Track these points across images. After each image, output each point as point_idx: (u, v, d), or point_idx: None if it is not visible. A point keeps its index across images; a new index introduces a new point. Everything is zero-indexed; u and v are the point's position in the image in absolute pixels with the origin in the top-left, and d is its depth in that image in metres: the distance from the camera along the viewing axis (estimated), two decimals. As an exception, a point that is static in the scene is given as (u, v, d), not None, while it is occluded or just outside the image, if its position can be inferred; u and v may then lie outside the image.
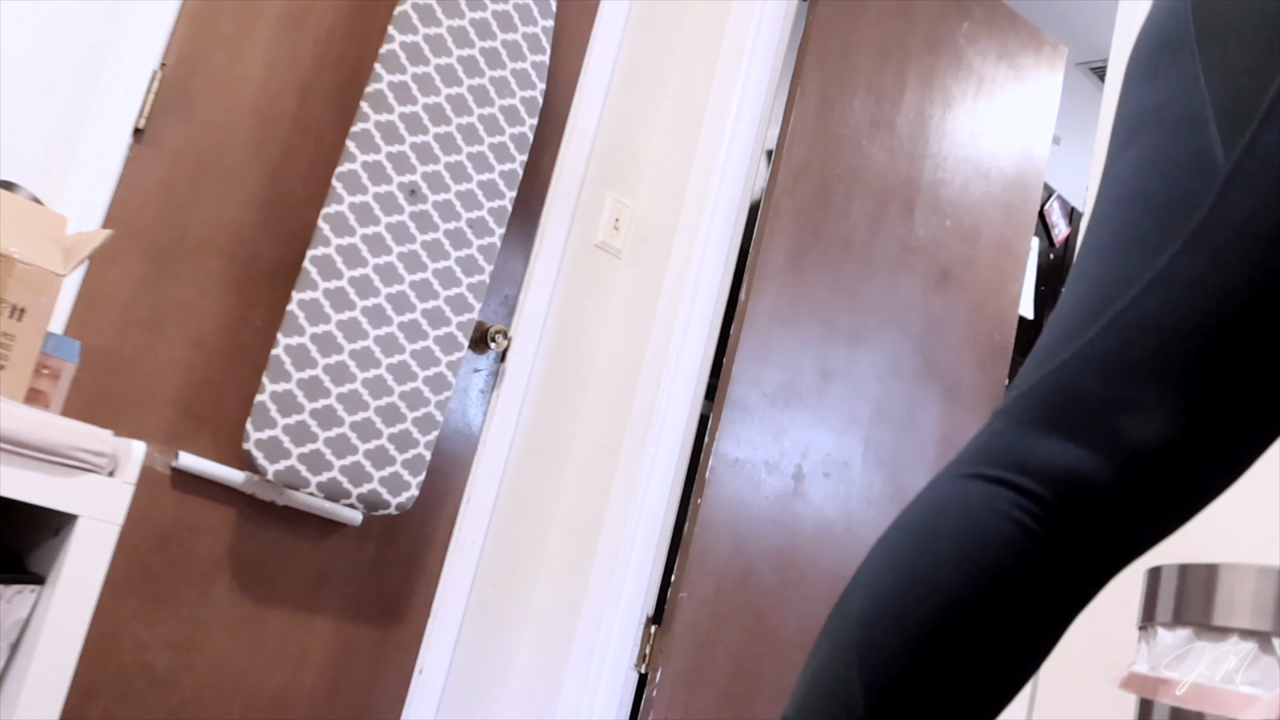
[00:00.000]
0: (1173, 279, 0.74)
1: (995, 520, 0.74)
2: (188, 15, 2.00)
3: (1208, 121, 0.76)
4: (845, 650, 0.76)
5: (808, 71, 2.63)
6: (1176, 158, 0.76)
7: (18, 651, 1.33)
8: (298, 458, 1.96)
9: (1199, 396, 0.72)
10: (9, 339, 1.36)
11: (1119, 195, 0.79)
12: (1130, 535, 0.74)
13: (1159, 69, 0.81)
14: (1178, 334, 0.73)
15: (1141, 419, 0.72)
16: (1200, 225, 0.74)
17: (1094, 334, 0.75)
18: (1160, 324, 0.73)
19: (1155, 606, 1.21)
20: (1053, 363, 0.76)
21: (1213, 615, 1.08)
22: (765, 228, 2.54)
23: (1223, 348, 0.72)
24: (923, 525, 0.77)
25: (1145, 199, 0.77)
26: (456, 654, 2.33)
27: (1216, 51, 0.77)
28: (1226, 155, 0.74)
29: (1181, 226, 0.74)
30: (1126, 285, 0.75)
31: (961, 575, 0.74)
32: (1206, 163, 0.75)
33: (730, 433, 2.47)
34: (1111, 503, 0.73)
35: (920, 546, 0.76)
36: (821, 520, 2.61)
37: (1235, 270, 0.72)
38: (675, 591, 2.37)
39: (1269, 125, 0.74)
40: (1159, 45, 0.81)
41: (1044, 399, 0.76)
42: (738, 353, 2.49)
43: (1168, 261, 0.74)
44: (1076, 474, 0.73)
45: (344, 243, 2.03)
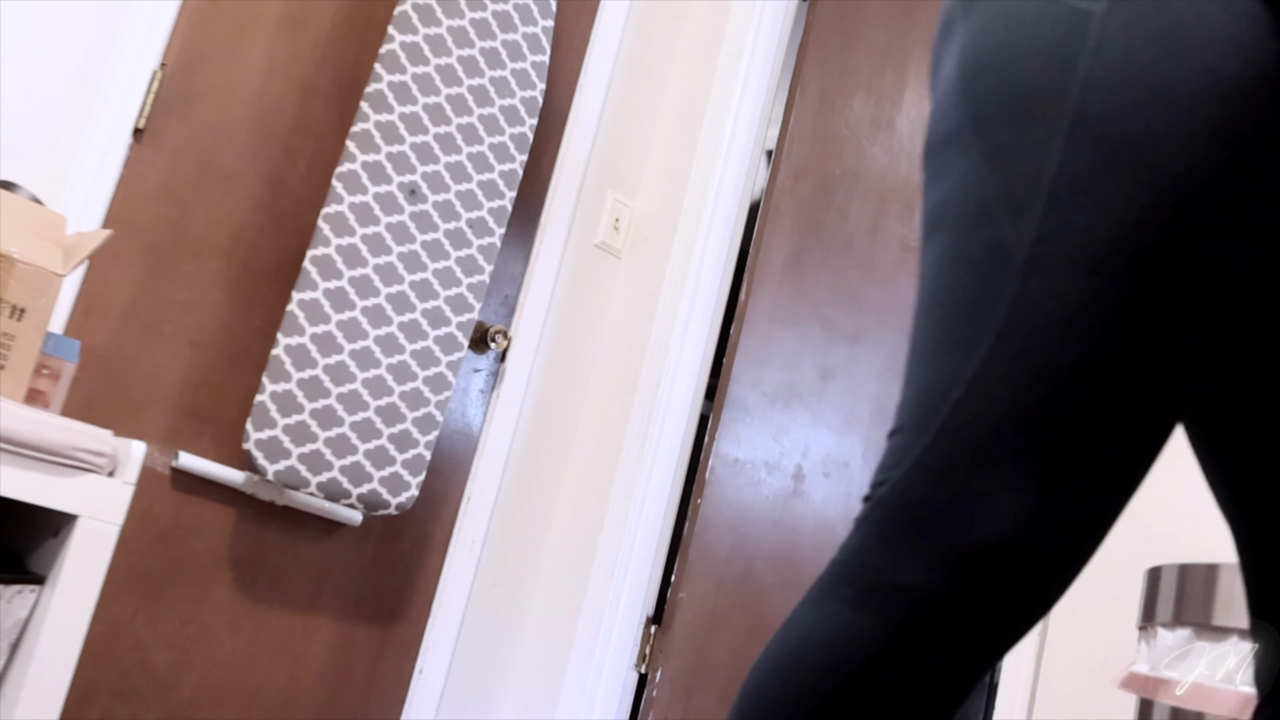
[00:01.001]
0: (987, 376, 0.74)
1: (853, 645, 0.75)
2: (188, 15, 2.00)
3: (995, 211, 0.76)
4: None
5: (808, 71, 2.63)
6: (972, 252, 0.76)
7: (18, 651, 1.33)
8: (298, 458, 1.96)
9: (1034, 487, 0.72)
10: (9, 339, 1.36)
11: (928, 294, 0.79)
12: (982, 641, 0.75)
13: (944, 164, 0.80)
14: (999, 433, 0.73)
15: (983, 521, 0.73)
16: (1005, 319, 0.74)
17: (927, 442, 0.75)
18: (981, 425, 0.73)
19: (1155, 606, 1.21)
20: (894, 475, 0.77)
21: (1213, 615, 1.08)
22: (765, 228, 2.54)
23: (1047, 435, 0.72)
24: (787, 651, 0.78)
25: (951, 296, 0.77)
26: (456, 654, 2.33)
27: (991, 139, 0.77)
28: (1018, 245, 0.74)
29: (987, 322, 0.74)
30: (947, 389, 0.75)
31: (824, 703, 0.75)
32: (1001, 254, 0.75)
33: (730, 433, 2.47)
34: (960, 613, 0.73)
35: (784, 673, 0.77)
36: (821, 520, 2.61)
37: (1046, 358, 0.72)
38: (675, 591, 2.37)
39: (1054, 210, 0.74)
40: (942, 141, 0.81)
41: (889, 514, 0.76)
42: (738, 353, 2.49)
43: (980, 360, 0.74)
44: (923, 589, 0.73)
45: (344, 243, 2.03)
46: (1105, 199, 0.73)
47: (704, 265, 2.53)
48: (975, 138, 0.78)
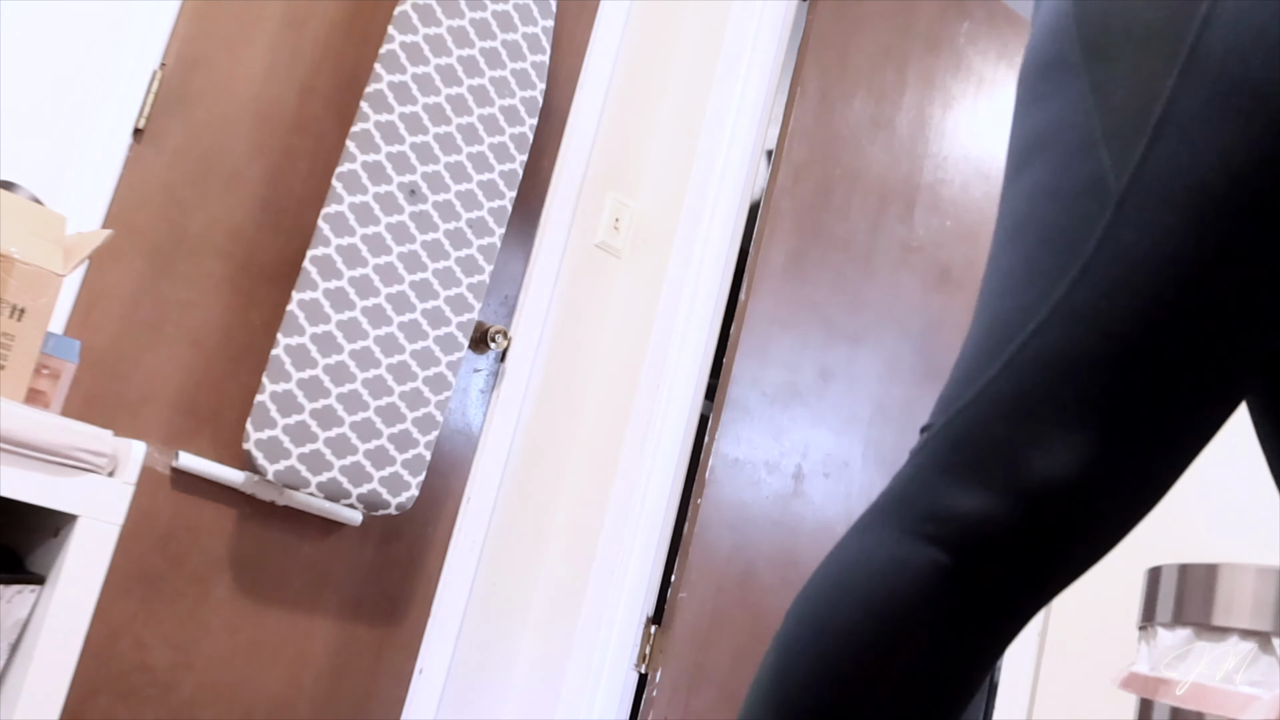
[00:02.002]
0: (1069, 310, 0.72)
1: (905, 573, 0.74)
2: (188, 15, 2.00)
3: (1097, 144, 0.74)
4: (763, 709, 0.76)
5: (808, 71, 2.63)
6: (1068, 183, 0.74)
7: (18, 651, 1.33)
8: (298, 458, 1.96)
9: (1102, 429, 0.71)
10: (9, 339, 1.36)
11: (1014, 224, 0.77)
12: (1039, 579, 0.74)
13: (1047, 91, 0.78)
14: (1077, 367, 0.71)
15: (1046, 457, 0.71)
16: (1094, 252, 0.72)
17: (995, 372, 0.74)
18: (1059, 358, 0.72)
19: (1155, 606, 1.21)
20: (959, 403, 0.75)
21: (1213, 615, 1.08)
22: (765, 228, 2.54)
23: (1123, 378, 0.71)
24: (837, 578, 0.76)
25: (1039, 228, 0.75)
26: (456, 654, 2.33)
27: (1103, 69, 0.75)
28: (1117, 178, 0.72)
29: (1076, 255, 0.73)
30: (1024, 319, 0.74)
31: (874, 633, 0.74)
32: (1098, 187, 0.73)
33: (730, 433, 2.47)
34: (1019, 547, 0.72)
35: (833, 599, 0.76)
36: (821, 520, 2.61)
37: (1132, 298, 0.71)
38: (675, 591, 2.37)
39: (1158, 144, 0.72)
40: (1045, 66, 0.79)
41: (950, 443, 0.75)
42: (737, 353, 2.49)
43: (1063, 292, 0.72)
44: (984, 520, 0.72)
45: (344, 243, 2.03)
46: (1212, 139, 0.71)
47: (704, 265, 2.53)
48: (1084, 66, 0.76)
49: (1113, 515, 0.73)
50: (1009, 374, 0.73)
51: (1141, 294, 0.71)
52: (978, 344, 0.76)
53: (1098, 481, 0.71)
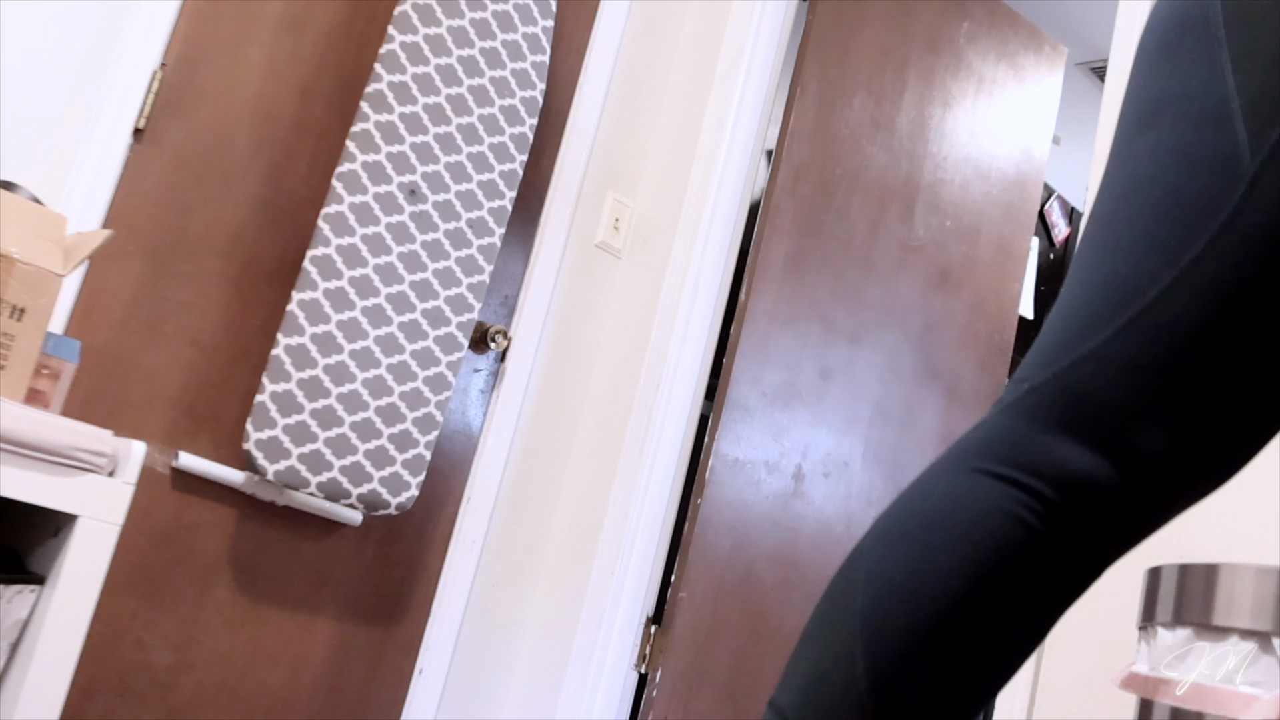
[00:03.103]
0: (1193, 284, 0.71)
1: (1001, 519, 0.73)
2: (188, 15, 2.00)
3: (1233, 116, 0.72)
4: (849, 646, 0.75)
5: (808, 71, 2.63)
6: (1199, 152, 0.72)
7: (18, 651, 1.33)
8: (298, 458, 1.96)
9: (1215, 407, 0.71)
10: (9, 339, 1.36)
11: (1134, 184, 0.75)
12: (1129, 535, 0.74)
13: (1181, 51, 0.76)
14: (1197, 342, 0.70)
15: (1156, 427, 0.71)
16: (1223, 228, 0.70)
17: (1110, 334, 0.73)
18: (1180, 331, 0.71)
19: (1155, 606, 1.21)
20: (1066, 359, 0.74)
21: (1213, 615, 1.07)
22: (765, 228, 2.54)
23: (1243, 358, 0.70)
24: (928, 519, 0.75)
25: (1165, 192, 0.73)
26: (456, 654, 2.33)
27: (1246, 39, 0.72)
28: (1253, 155, 0.70)
29: (1204, 228, 0.71)
30: (1146, 285, 0.72)
31: (967, 575, 0.73)
32: (1232, 161, 0.71)
33: (730, 433, 2.47)
34: (1117, 507, 0.73)
35: (926, 541, 0.75)
36: (821, 520, 2.61)
37: (1259, 278, 0.70)
38: (675, 591, 2.37)
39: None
40: (1182, 24, 0.77)
41: (1057, 398, 0.74)
42: (738, 353, 2.49)
43: (1189, 264, 0.71)
44: (1088, 479, 0.72)
45: (344, 243, 2.03)
46: None
47: (704, 265, 2.53)
48: (1227, 32, 0.73)
49: (1207, 481, 0.73)
50: (1125, 338, 0.72)
51: (1267, 275, 0.69)
52: (1091, 300, 0.74)
53: (1203, 454, 0.71)
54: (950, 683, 0.73)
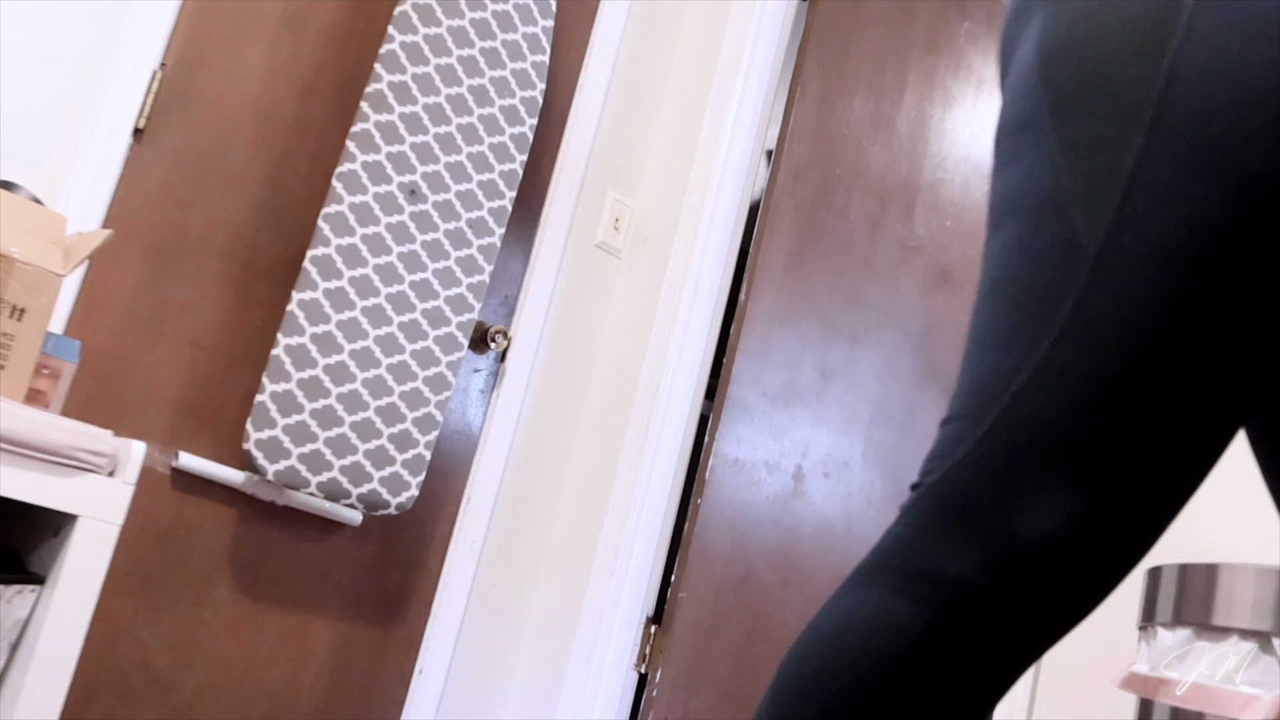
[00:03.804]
0: (1050, 371, 0.72)
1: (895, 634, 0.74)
2: (188, 15, 2.00)
3: (1069, 204, 0.74)
4: None
5: (808, 71, 2.63)
6: (1042, 243, 0.74)
7: (18, 651, 1.33)
8: (298, 458, 1.96)
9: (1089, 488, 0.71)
10: (9, 339, 1.36)
11: (991, 283, 0.78)
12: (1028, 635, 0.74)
13: (1018, 152, 0.79)
14: (1061, 428, 0.72)
15: (1033, 518, 0.72)
16: (1072, 313, 0.72)
17: (980, 434, 0.74)
18: (1042, 419, 0.72)
19: (1155, 606, 1.21)
20: (946, 463, 0.76)
21: (1213, 615, 1.08)
22: (765, 228, 2.54)
23: (1107, 436, 0.71)
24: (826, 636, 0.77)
25: (1016, 288, 0.75)
26: (456, 654, 2.33)
27: (1071, 128, 0.75)
28: (1092, 238, 0.73)
29: (1054, 316, 0.73)
30: (1007, 380, 0.74)
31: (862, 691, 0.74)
32: (1072, 247, 0.73)
33: (730, 433, 2.47)
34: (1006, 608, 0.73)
35: (822, 658, 0.76)
36: (821, 520, 2.61)
37: (1111, 357, 0.71)
38: (675, 591, 2.37)
39: (1129, 204, 0.72)
40: (1017, 128, 0.79)
41: (938, 503, 0.75)
42: (738, 353, 2.49)
43: (1044, 354, 0.73)
44: (970, 582, 0.73)
45: (344, 243, 2.03)
46: (1184, 196, 0.70)
47: (704, 265, 2.53)
48: (1052, 126, 0.76)
49: (1102, 570, 0.73)
50: (995, 436, 0.74)
51: (1121, 353, 0.71)
52: (963, 403, 0.77)
53: (1087, 539, 0.72)
54: None
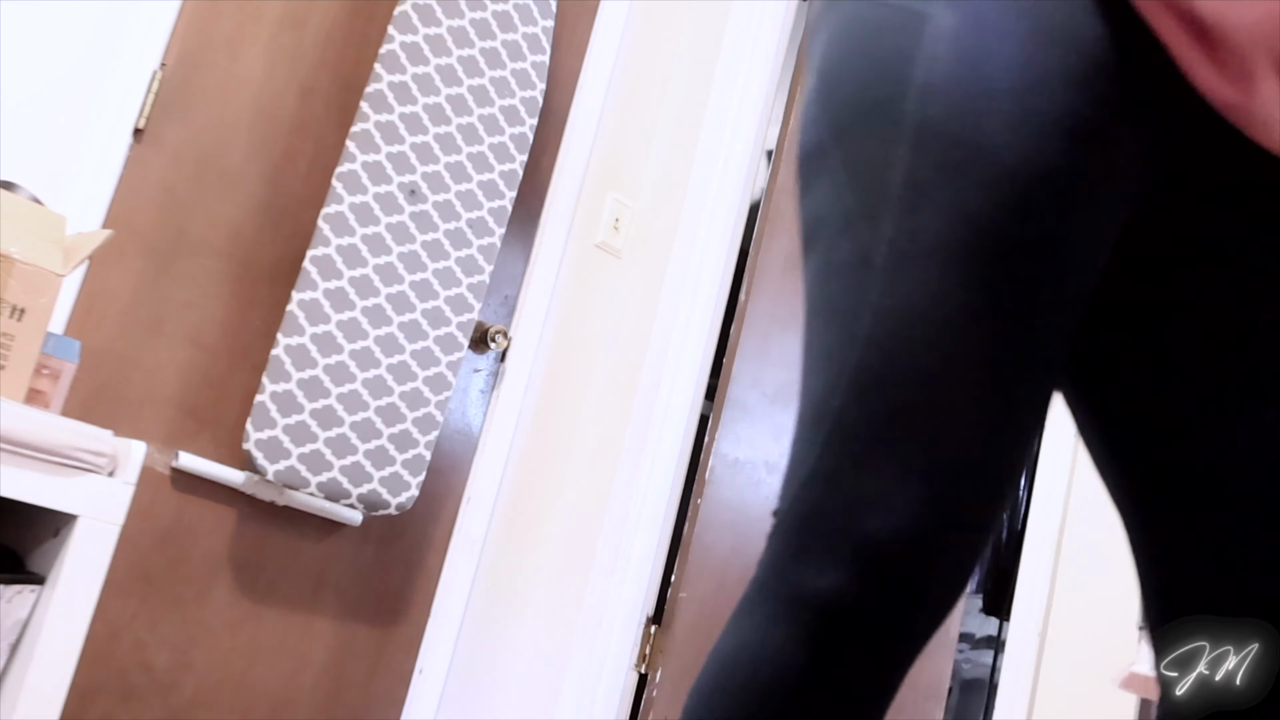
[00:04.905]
0: (860, 380, 0.75)
1: (776, 657, 0.76)
2: (188, 15, 2.00)
3: (855, 219, 0.78)
4: None
5: (808, 71, 2.63)
6: (839, 261, 0.78)
7: (18, 651, 1.33)
8: (298, 458, 1.96)
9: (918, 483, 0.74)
10: (9, 339, 1.36)
11: (808, 308, 0.82)
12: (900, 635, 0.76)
13: (812, 177, 0.82)
14: (879, 429, 0.75)
15: (877, 520, 0.74)
16: (871, 324, 0.76)
17: (818, 451, 0.77)
18: (862, 425, 0.75)
19: (1155, 606, 1.20)
20: (794, 486, 0.79)
21: (1213, 615, 1.07)
22: (765, 228, 2.54)
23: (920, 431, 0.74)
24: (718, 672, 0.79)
25: (824, 308, 0.79)
26: (456, 654, 2.33)
27: (846, 150, 0.79)
28: (875, 249, 0.76)
29: (857, 329, 0.76)
30: (828, 397, 0.77)
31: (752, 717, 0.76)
32: (862, 260, 0.77)
33: (730, 433, 2.47)
34: (874, 611, 0.75)
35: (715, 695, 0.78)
36: (821, 520, 2.61)
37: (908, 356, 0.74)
38: (675, 591, 2.37)
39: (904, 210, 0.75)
40: (808, 154, 0.83)
41: (795, 523, 0.78)
42: (738, 353, 2.49)
43: (854, 365, 0.76)
44: (834, 594, 0.75)
45: (344, 243, 2.03)
46: (948, 199, 0.75)
47: (704, 265, 2.53)
48: (835, 148, 0.80)
49: (956, 555, 0.76)
50: (827, 452, 0.77)
51: (916, 350, 0.74)
52: (801, 427, 0.80)
53: (932, 529, 0.74)
54: None
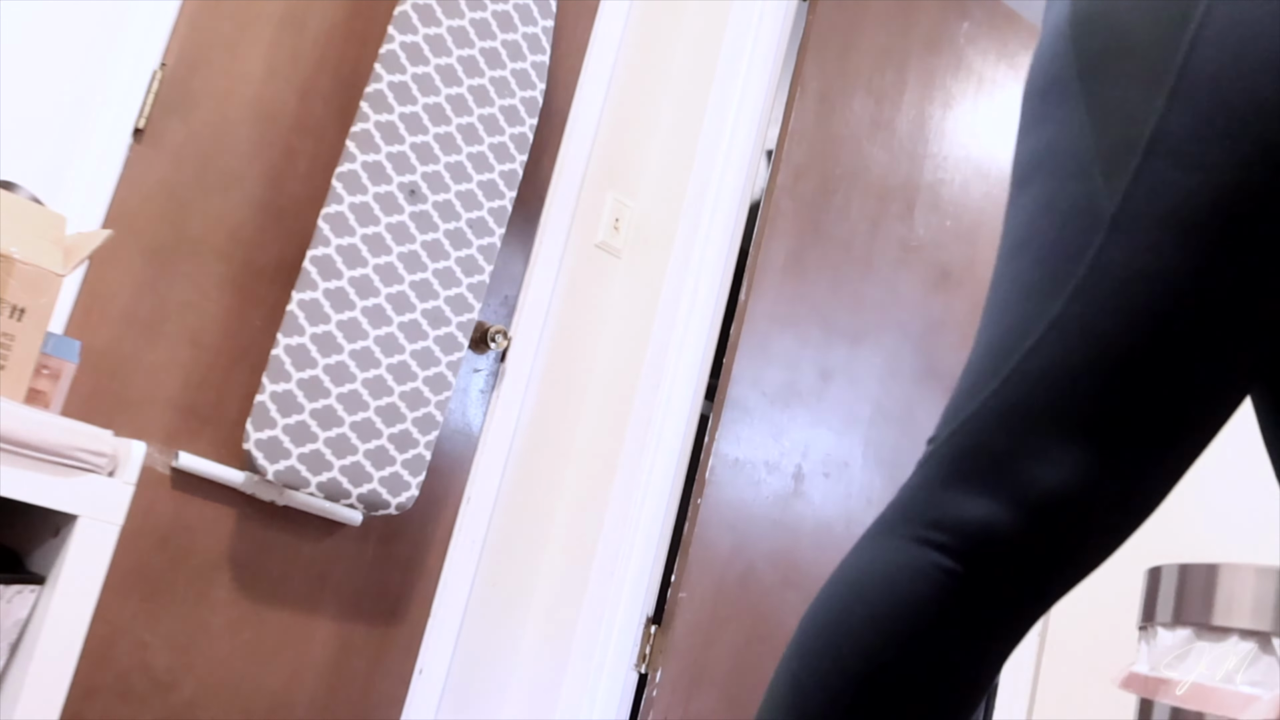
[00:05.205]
0: (1064, 327, 0.75)
1: (914, 579, 0.76)
2: (188, 15, 2.00)
3: (1092, 165, 0.76)
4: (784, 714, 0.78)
5: (808, 71, 2.63)
6: (1064, 203, 0.77)
7: (18, 651, 1.33)
8: (298, 458, 1.96)
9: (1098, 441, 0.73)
10: (9, 339, 1.36)
11: (1015, 242, 0.80)
12: (1044, 580, 0.76)
13: (1045, 112, 0.81)
14: (1072, 383, 0.74)
15: (1046, 468, 0.74)
16: (1088, 271, 0.74)
17: (996, 386, 0.76)
18: (1055, 373, 0.74)
19: (1155, 606, 1.21)
20: (962, 415, 0.78)
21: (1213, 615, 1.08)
22: (765, 228, 2.54)
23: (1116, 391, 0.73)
24: (849, 587, 0.79)
25: (1037, 247, 0.78)
26: (456, 654, 2.33)
27: (1097, 91, 0.77)
28: (1110, 198, 0.75)
29: (1070, 273, 0.75)
30: (1023, 336, 0.76)
31: (883, 636, 0.76)
32: (1092, 208, 0.75)
33: (730, 433, 2.47)
34: (1023, 551, 0.74)
35: (847, 608, 0.78)
36: (821, 520, 2.61)
37: (1123, 315, 0.73)
38: (675, 591, 2.37)
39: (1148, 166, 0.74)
40: (1044, 88, 0.81)
41: (955, 454, 0.77)
42: (738, 353, 2.49)
43: (1059, 310, 0.75)
44: (987, 527, 0.75)
45: (344, 243, 2.03)
46: (1201, 162, 0.72)
47: (704, 265, 2.53)
48: (1080, 89, 0.78)
49: (1111, 522, 0.75)
50: (1009, 388, 0.76)
51: (1132, 311, 0.73)
52: (980, 358, 0.79)
53: (1096, 491, 0.73)
54: None
